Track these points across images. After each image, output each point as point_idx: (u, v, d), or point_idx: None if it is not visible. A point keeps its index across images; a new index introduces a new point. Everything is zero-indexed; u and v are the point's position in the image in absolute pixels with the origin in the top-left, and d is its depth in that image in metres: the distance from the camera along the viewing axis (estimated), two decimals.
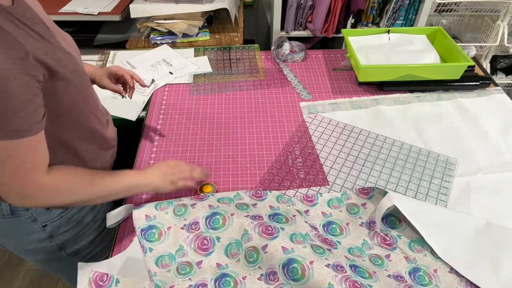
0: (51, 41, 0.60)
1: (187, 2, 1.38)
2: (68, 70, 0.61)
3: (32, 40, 0.56)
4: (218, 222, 0.72)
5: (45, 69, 0.56)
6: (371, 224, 0.76)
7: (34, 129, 0.56)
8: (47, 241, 0.79)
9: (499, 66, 2.03)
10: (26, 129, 0.54)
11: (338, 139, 0.98)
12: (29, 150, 0.56)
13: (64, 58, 0.61)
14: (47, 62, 0.56)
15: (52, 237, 0.79)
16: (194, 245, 0.70)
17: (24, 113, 0.53)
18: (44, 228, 0.76)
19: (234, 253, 0.68)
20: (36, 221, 0.74)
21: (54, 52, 0.59)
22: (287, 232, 0.69)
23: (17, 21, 0.54)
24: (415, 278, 0.67)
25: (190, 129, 1.02)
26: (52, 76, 0.58)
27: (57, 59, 0.59)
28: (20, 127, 0.53)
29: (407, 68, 1.08)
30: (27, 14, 0.57)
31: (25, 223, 0.74)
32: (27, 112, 0.53)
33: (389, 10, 1.53)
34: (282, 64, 1.26)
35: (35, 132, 0.56)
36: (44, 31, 0.60)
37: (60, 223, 0.77)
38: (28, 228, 0.75)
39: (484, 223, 0.75)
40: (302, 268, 0.62)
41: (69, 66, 0.62)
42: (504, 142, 0.96)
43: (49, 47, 0.59)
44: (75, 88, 0.64)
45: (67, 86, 0.62)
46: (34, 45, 0.55)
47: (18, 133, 0.54)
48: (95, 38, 1.52)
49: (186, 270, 0.67)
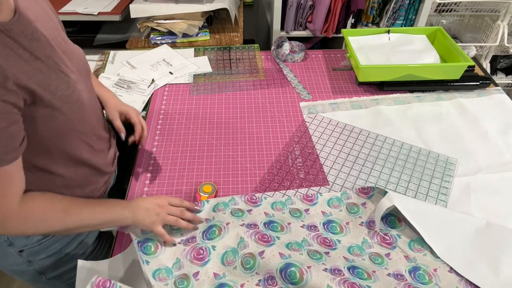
0: (46, 62, 0.56)
1: (187, 2, 1.38)
2: (56, 96, 0.57)
3: (19, 61, 0.52)
4: (214, 233, 0.72)
5: (27, 94, 0.52)
6: (371, 223, 0.76)
7: (8, 159, 0.52)
8: (25, 265, 0.74)
9: (499, 66, 2.03)
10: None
11: (338, 139, 0.99)
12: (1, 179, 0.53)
13: (55, 82, 0.57)
14: (30, 87, 0.52)
15: (31, 262, 0.74)
16: (190, 256, 0.69)
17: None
18: (21, 253, 0.72)
19: (230, 260, 0.67)
20: (13, 245, 0.70)
21: (45, 75, 0.55)
22: (283, 241, 0.69)
23: (8, 38, 0.51)
24: (415, 276, 0.67)
25: (190, 129, 1.02)
26: (35, 102, 0.54)
27: (45, 83, 0.55)
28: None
29: (407, 68, 1.08)
30: (26, 31, 0.54)
31: (1, 246, 0.70)
32: (1, 141, 0.50)
33: (389, 10, 1.53)
34: (282, 64, 1.26)
35: (9, 161, 0.53)
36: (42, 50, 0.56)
37: (39, 249, 0.73)
38: (4, 252, 0.71)
39: (484, 223, 0.75)
40: (300, 271, 0.62)
41: (60, 92, 0.58)
42: (504, 142, 0.96)
43: (41, 69, 0.55)
44: (62, 115, 0.60)
45: (52, 113, 0.58)
46: (19, 67, 0.51)
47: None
48: (95, 38, 1.53)
49: (183, 284, 0.65)
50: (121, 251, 0.73)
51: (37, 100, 0.55)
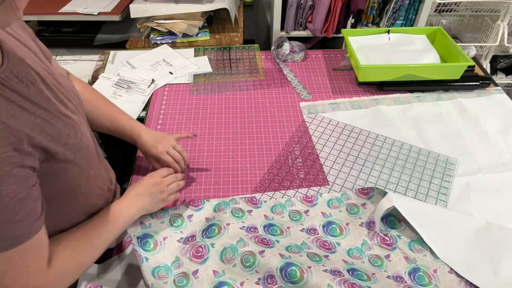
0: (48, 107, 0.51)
1: (187, 2, 1.38)
2: (68, 147, 0.53)
3: (25, 115, 0.47)
4: (214, 231, 0.72)
5: (41, 153, 0.48)
6: (371, 224, 0.76)
7: (34, 229, 0.48)
8: None
9: (499, 66, 2.03)
10: (26, 233, 0.47)
11: (338, 139, 0.98)
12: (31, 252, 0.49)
13: (64, 131, 0.52)
14: (43, 144, 0.48)
15: None
16: (189, 254, 0.69)
17: (22, 215, 0.45)
18: None
19: (229, 258, 0.67)
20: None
21: (52, 126, 0.50)
22: (282, 245, 0.69)
23: (8, 90, 0.45)
24: (415, 278, 0.67)
25: (190, 129, 1.02)
26: (48, 159, 0.50)
27: (55, 135, 0.50)
28: (19, 232, 0.46)
29: (407, 68, 1.08)
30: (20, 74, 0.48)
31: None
32: (25, 212, 0.46)
33: (389, 10, 1.53)
34: (282, 64, 1.26)
35: (36, 231, 0.48)
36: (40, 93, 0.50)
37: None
38: None
39: (484, 223, 0.75)
40: (300, 270, 0.62)
41: (70, 142, 0.53)
42: (504, 142, 0.96)
43: (46, 118, 0.50)
44: (77, 167, 0.56)
45: (67, 166, 0.54)
46: (29, 122, 0.46)
47: (17, 239, 0.46)
48: (95, 38, 1.52)
49: (183, 283, 0.65)
50: (121, 251, 0.73)
51: (51, 156, 0.50)
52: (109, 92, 1.15)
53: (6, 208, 0.43)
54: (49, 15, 1.40)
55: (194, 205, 0.79)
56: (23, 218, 0.46)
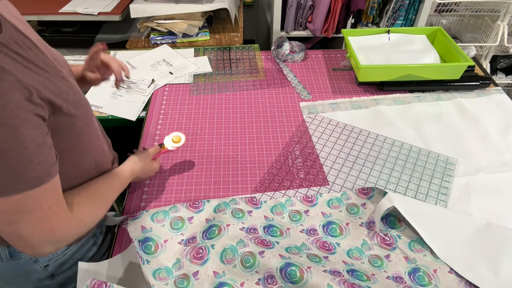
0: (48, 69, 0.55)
1: (187, 2, 1.38)
2: (70, 104, 0.57)
3: (31, 73, 0.51)
4: (214, 232, 0.72)
5: (48, 106, 0.52)
6: (371, 224, 0.76)
7: (53, 171, 0.53)
8: (48, 279, 0.75)
9: (499, 66, 2.03)
10: (46, 174, 0.51)
11: (338, 139, 0.98)
12: (52, 193, 0.53)
13: (65, 89, 0.57)
14: (49, 98, 0.52)
15: (54, 276, 0.75)
16: (189, 255, 0.69)
17: (42, 157, 0.50)
18: (45, 268, 0.72)
19: (229, 259, 0.67)
20: (38, 262, 0.71)
21: (54, 84, 0.55)
22: (282, 246, 0.69)
23: (12, 52, 0.49)
24: (415, 278, 0.67)
25: (190, 129, 1.02)
26: (54, 112, 0.54)
27: (58, 92, 0.55)
28: (41, 173, 0.50)
29: (407, 68, 1.08)
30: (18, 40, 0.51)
31: (26, 265, 0.70)
32: (45, 154, 0.51)
33: (389, 10, 1.53)
34: (282, 64, 1.26)
35: (55, 174, 0.53)
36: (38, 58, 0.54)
37: (63, 261, 0.74)
38: (28, 270, 0.71)
39: (484, 223, 0.75)
40: (300, 270, 0.62)
41: (71, 98, 0.58)
42: (504, 142, 0.96)
43: (48, 78, 0.54)
44: (80, 121, 0.61)
45: (71, 120, 0.59)
46: (35, 79, 0.50)
47: (40, 179, 0.51)
48: (95, 38, 1.52)
49: (183, 284, 0.65)
50: (121, 251, 0.73)
51: (56, 110, 0.54)
52: (109, 92, 1.15)
53: (27, 150, 0.48)
54: (49, 15, 1.40)
55: (194, 206, 0.79)
56: (42, 160, 0.50)
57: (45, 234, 0.54)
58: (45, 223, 0.53)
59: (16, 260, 0.69)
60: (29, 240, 0.53)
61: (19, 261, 0.69)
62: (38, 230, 0.53)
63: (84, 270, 0.68)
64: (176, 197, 0.84)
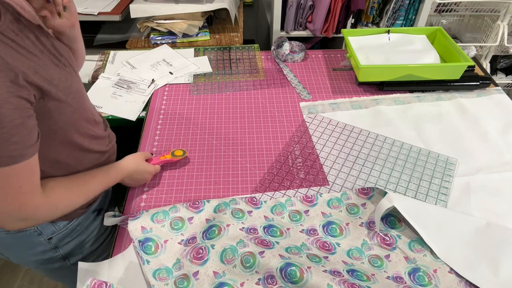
0: (41, 57, 0.58)
1: (187, 2, 1.38)
2: (60, 89, 0.60)
3: (22, 58, 0.54)
4: (214, 232, 0.72)
5: (35, 90, 0.55)
6: (371, 224, 0.76)
7: (28, 153, 0.55)
8: (52, 252, 0.78)
9: (499, 66, 2.03)
10: (20, 154, 0.54)
11: (338, 139, 0.98)
12: (25, 174, 0.56)
13: (56, 76, 0.60)
14: (37, 83, 0.55)
15: (57, 248, 0.78)
16: (190, 256, 0.69)
17: (18, 138, 0.52)
18: (49, 241, 0.76)
19: (229, 259, 0.67)
20: (42, 235, 0.74)
21: (45, 70, 0.58)
22: (282, 246, 0.69)
23: (6, 38, 0.53)
24: (415, 278, 0.67)
25: (190, 129, 1.02)
26: (43, 96, 0.57)
27: (48, 78, 0.58)
28: (14, 152, 0.53)
29: (407, 68, 1.08)
30: (16, 29, 0.55)
31: (31, 237, 0.73)
32: (21, 136, 0.53)
33: (389, 10, 1.53)
34: (282, 64, 1.26)
35: (30, 155, 0.55)
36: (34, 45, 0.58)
37: (65, 234, 0.77)
38: (33, 242, 0.75)
39: (484, 223, 0.75)
40: (300, 270, 0.62)
41: (62, 84, 0.61)
42: (504, 142, 0.96)
43: (40, 64, 0.57)
44: (69, 107, 0.63)
45: (60, 105, 0.61)
46: (24, 64, 0.54)
47: (13, 159, 0.53)
48: (95, 38, 1.52)
49: (183, 284, 0.65)
50: (121, 251, 0.73)
51: (45, 94, 0.57)
52: (109, 92, 1.15)
53: (4, 129, 0.50)
54: None
55: (194, 206, 0.79)
56: (18, 141, 0.52)
57: (13, 211, 0.57)
58: (13, 201, 0.56)
59: (21, 232, 0.72)
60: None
61: (25, 232, 0.72)
62: (6, 206, 0.56)
63: (85, 270, 0.68)
64: (176, 197, 0.84)
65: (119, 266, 0.70)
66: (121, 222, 0.77)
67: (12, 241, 0.74)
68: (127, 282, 0.68)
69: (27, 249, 0.76)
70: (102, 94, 1.14)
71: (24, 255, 0.79)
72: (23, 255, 0.79)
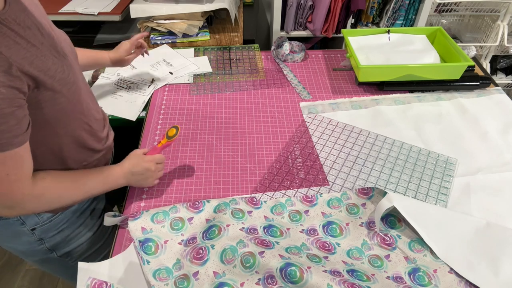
0: (41, 48, 0.59)
1: (187, 2, 1.38)
2: (56, 80, 0.60)
3: (19, 48, 0.54)
4: (214, 233, 0.72)
5: (30, 80, 0.55)
6: (371, 224, 0.76)
7: (16, 142, 0.55)
8: (37, 243, 0.78)
9: (499, 66, 2.03)
10: (7, 143, 0.54)
11: (338, 139, 0.98)
12: (12, 163, 0.56)
13: (53, 67, 0.60)
14: (32, 73, 0.55)
15: (42, 240, 0.78)
16: (190, 256, 0.69)
17: (5, 127, 0.52)
18: (33, 232, 0.76)
19: (229, 259, 0.67)
20: (25, 224, 0.74)
21: (42, 61, 0.58)
22: (282, 246, 0.69)
23: (5, 27, 0.53)
24: (415, 278, 0.67)
25: (190, 129, 1.02)
26: (38, 86, 0.58)
27: (44, 68, 0.58)
28: (1, 141, 0.53)
29: (407, 68, 1.08)
30: (18, 18, 0.56)
31: (13, 225, 0.74)
32: (9, 125, 0.53)
33: (389, 10, 1.53)
34: (282, 64, 1.26)
35: (18, 145, 0.56)
36: (35, 36, 0.58)
37: (50, 227, 0.77)
38: (17, 231, 0.75)
39: (484, 223, 0.75)
40: (300, 270, 0.62)
41: (58, 75, 0.61)
42: (504, 142, 0.96)
43: (37, 55, 0.57)
44: (64, 98, 0.64)
45: (55, 96, 0.61)
46: (20, 54, 0.54)
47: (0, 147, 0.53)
48: (95, 38, 1.52)
49: (183, 285, 0.65)
50: (121, 251, 0.73)
51: (40, 84, 0.57)
52: (109, 92, 1.15)
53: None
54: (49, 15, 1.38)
55: (194, 206, 0.79)
56: (5, 130, 0.53)
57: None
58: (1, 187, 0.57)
59: (4, 220, 0.73)
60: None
61: (7, 221, 0.73)
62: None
63: (85, 270, 0.68)
64: (176, 197, 0.84)
65: (119, 266, 0.70)
66: (121, 222, 0.77)
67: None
68: (127, 282, 0.68)
69: (13, 237, 0.77)
70: (102, 94, 1.14)
71: (11, 244, 0.79)
72: (11, 244, 0.79)
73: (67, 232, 0.81)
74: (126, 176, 0.76)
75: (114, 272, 0.69)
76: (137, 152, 0.80)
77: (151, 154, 0.81)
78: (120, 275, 0.69)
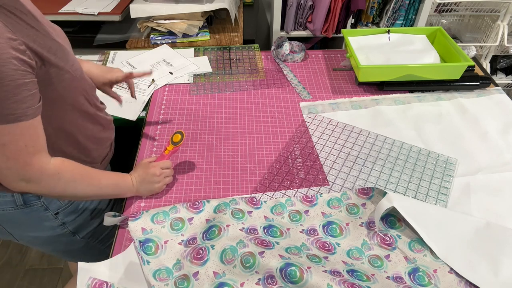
0: (39, 30, 0.61)
1: (187, 2, 1.38)
2: (58, 57, 0.63)
3: (21, 28, 0.57)
4: (214, 233, 0.72)
5: (36, 57, 0.58)
6: (371, 224, 0.76)
7: (30, 113, 0.57)
8: (60, 228, 0.81)
9: (499, 66, 2.03)
10: (22, 113, 0.56)
11: (338, 139, 0.99)
12: (28, 134, 0.58)
13: (53, 46, 0.63)
14: (37, 50, 0.58)
15: (65, 224, 0.81)
16: (190, 257, 0.69)
17: (20, 97, 0.54)
18: (56, 216, 0.79)
19: (229, 259, 0.67)
20: (48, 209, 0.77)
21: (43, 40, 0.60)
22: (282, 246, 0.69)
23: (6, 10, 0.55)
24: (415, 278, 0.67)
25: (190, 129, 1.02)
26: (44, 63, 0.60)
27: (46, 46, 0.60)
28: (16, 111, 0.55)
29: (407, 68, 1.08)
30: (16, 5, 0.59)
31: (38, 211, 0.76)
32: (23, 96, 0.55)
33: (389, 10, 1.53)
34: (282, 64, 1.26)
35: (32, 116, 0.58)
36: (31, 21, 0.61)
37: (71, 209, 0.80)
38: (41, 217, 0.77)
39: (484, 223, 0.75)
40: (300, 270, 0.62)
41: (59, 53, 0.64)
42: (504, 142, 0.96)
43: (38, 35, 0.60)
44: (68, 74, 0.66)
45: (60, 72, 0.64)
46: (24, 33, 0.57)
47: (15, 116, 0.55)
48: (95, 38, 1.52)
49: (183, 285, 0.65)
50: (121, 251, 0.73)
51: (45, 61, 0.60)
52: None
53: (6, 87, 0.52)
54: (49, 15, 1.40)
55: (194, 207, 0.79)
56: (20, 100, 0.55)
57: (18, 169, 0.59)
58: (19, 158, 0.58)
59: (29, 207, 0.74)
60: (3, 171, 0.60)
61: (32, 207, 0.74)
62: (11, 163, 0.58)
63: (85, 270, 0.68)
64: (176, 197, 0.84)
65: (119, 266, 0.70)
66: (121, 222, 0.77)
67: (21, 216, 0.75)
68: (127, 282, 0.68)
69: (37, 225, 0.78)
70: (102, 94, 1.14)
71: (34, 233, 0.80)
72: (32, 233, 0.81)
73: (86, 215, 0.84)
74: (135, 185, 0.78)
75: (114, 272, 0.69)
76: (143, 161, 0.82)
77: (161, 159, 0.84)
78: (120, 275, 0.69)
